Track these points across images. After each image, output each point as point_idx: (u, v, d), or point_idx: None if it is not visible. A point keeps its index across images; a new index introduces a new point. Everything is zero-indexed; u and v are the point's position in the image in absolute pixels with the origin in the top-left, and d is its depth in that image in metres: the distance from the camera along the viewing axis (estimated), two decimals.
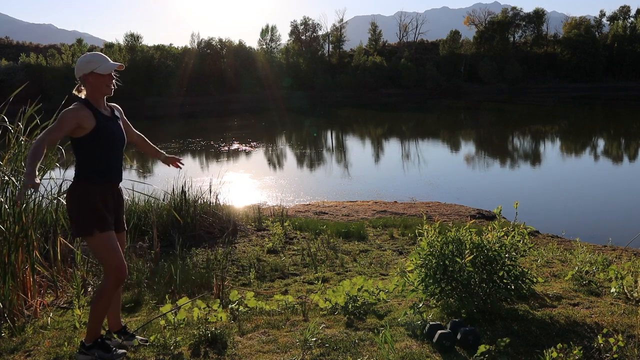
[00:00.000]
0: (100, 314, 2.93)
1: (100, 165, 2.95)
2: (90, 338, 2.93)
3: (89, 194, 2.91)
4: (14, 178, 3.91)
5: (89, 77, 2.94)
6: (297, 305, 3.82)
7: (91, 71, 2.92)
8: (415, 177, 16.50)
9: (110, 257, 2.90)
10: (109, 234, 2.91)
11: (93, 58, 2.96)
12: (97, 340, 2.93)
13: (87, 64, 2.93)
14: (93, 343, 2.92)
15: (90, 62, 2.93)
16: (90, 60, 2.94)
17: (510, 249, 3.35)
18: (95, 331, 2.93)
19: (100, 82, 2.96)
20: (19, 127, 4.10)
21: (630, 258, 5.55)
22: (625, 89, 63.32)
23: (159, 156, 3.53)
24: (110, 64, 2.96)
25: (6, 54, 61.17)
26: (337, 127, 35.59)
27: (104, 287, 2.92)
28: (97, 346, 2.91)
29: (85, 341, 2.94)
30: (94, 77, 2.94)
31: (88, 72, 2.93)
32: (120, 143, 3.08)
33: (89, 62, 2.93)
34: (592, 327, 3.05)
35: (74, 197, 2.93)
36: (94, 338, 2.93)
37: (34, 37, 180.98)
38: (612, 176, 16.31)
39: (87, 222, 2.88)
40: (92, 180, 2.93)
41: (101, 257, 2.94)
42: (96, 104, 2.98)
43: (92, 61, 2.94)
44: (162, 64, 59.51)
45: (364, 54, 69.66)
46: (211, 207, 7.45)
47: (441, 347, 2.82)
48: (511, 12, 74.27)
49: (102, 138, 2.94)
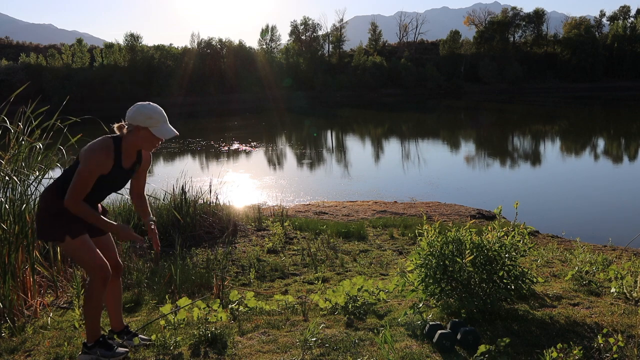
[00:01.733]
0: (93, 314, 2.90)
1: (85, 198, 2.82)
2: (91, 338, 2.93)
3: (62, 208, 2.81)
4: (15, 177, 3.91)
5: (141, 130, 2.80)
6: (297, 305, 3.82)
7: (147, 127, 2.80)
8: (415, 177, 16.49)
9: (88, 258, 2.83)
10: (82, 238, 2.83)
11: (155, 116, 2.80)
12: (99, 340, 2.93)
13: (146, 119, 2.78)
14: (95, 342, 2.92)
15: (151, 118, 2.79)
16: (152, 117, 2.79)
17: (510, 249, 3.35)
18: (94, 331, 2.93)
19: (147, 140, 2.83)
20: (19, 127, 4.10)
21: (630, 258, 5.56)
22: (625, 89, 63.33)
23: (145, 218, 3.20)
24: (168, 131, 2.83)
25: (6, 54, 61.21)
26: (337, 127, 35.59)
27: (91, 288, 2.86)
28: (98, 345, 2.91)
29: (87, 342, 2.94)
30: (146, 133, 2.81)
31: (143, 126, 2.80)
32: (117, 188, 3.02)
33: (150, 118, 2.79)
34: (592, 327, 3.05)
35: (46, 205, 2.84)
36: (94, 338, 2.93)
37: (34, 37, 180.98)
38: (612, 176, 16.31)
39: (56, 227, 2.81)
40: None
41: (79, 261, 2.89)
42: (126, 151, 2.86)
43: (152, 118, 2.79)
44: (162, 64, 59.56)
45: (364, 54, 69.67)
46: (211, 207, 7.45)
47: (441, 347, 2.82)
48: (511, 12, 74.30)
49: (102, 182, 2.84)
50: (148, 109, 2.80)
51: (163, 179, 8.08)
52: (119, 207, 7.12)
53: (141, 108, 2.80)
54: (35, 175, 4.17)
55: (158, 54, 60.66)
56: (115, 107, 52.26)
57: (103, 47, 61.04)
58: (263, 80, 61.05)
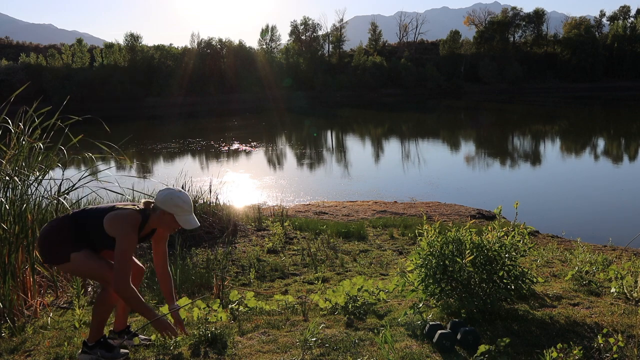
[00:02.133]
0: (102, 317, 2.93)
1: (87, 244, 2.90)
2: (93, 338, 2.93)
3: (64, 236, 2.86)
4: (17, 177, 3.91)
5: (166, 215, 2.88)
6: (297, 305, 3.82)
7: (172, 214, 2.87)
8: (415, 177, 16.50)
9: (98, 267, 2.86)
10: (85, 251, 2.86)
11: (183, 206, 2.88)
12: (100, 340, 2.93)
13: (173, 206, 2.86)
14: (96, 343, 2.92)
15: (178, 207, 2.87)
16: (179, 206, 2.87)
17: (510, 249, 3.35)
18: (98, 332, 2.94)
19: (169, 224, 2.92)
20: (20, 127, 4.10)
21: (630, 258, 5.56)
22: (625, 89, 63.33)
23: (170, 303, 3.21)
24: (191, 222, 2.90)
25: (6, 54, 61.18)
26: (337, 127, 35.59)
27: (104, 295, 2.91)
28: (99, 345, 2.92)
29: (88, 341, 2.94)
30: (170, 218, 2.89)
31: (169, 212, 2.86)
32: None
33: (176, 206, 2.86)
34: (592, 327, 3.05)
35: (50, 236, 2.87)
36: (96, 338, 2.93)
37: (34, 37, 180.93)
38: (612, 176, 16.31)
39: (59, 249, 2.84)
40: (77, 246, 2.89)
41: (90, 275, 2.91)
42: (148, 227, 2.94)
43: (180, 207, 2.87)
44: (162, 64, 59.54)
45: (364, 54, 69.65)
46: (211, 207, 7.46)
47: (441, 347, 2.82)
48: (511, 12, 74.28)
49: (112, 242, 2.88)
50: (178, 198, 2.88)
51: (163, 179, 8.08)
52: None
53: (172, 195, 2.88)
54: (35, 175, 4.16)
55: (158, 54, 60.65)
56: (115, 107, 52.16)
57: (103, 47, 61.01)
58: (263, 80, 61.04)
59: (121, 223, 2.81)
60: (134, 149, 22.75)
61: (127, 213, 2.85)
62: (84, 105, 42.82)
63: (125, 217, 2.82)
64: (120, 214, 2.84)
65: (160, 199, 2.88)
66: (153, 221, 2.91)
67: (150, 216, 2.90)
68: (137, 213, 2.87)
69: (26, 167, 4.10)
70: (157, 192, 2.96)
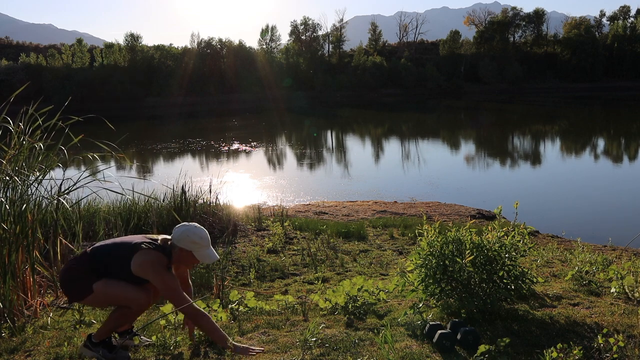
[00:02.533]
0: (117, 324, 2.96)
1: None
2: (100, 336, 2.94)
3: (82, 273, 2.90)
4: (17, 177, 3.91)
5: (184, 252, 2.88)
6: (297, 305, 3.82)
7: (190, 250, 2.87)
8: (415, 177, 16.50)
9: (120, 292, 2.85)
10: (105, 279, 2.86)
11: (200, 242, 2.87)
12: (105, 340, 2.94)
13: (190, 243, 2.86)
14: (100, 341, 2.94)
15: (196, 243, 2.86)
16: (196, 242, 2.86)
17: (510, 249, 3.35)
18: (107, 333, 2.95)
19: (188, 261, 2.92)
20: (20, 127, 4.10)
21: (630, 258, 5.56)
22: (625, 89, 63.33)
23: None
24: (210, 256, 2.90)
25: (6, 54, 61.17)
26: (337, 127, 35.59)
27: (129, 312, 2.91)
28: (103, 344, 2.93)
29: (94, 337, 2.95)
30: (189, 255, 2.89)
31: (187, 249, 2.86)
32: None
33: (194, 243, 2.86)
34: (592, 327, 3.05)
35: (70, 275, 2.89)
36: (103, 337, 2.94)
37: (34, 37, 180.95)
38: (612, 176, 16.32)
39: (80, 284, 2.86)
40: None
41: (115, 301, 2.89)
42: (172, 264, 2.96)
43: (197, 244, 2.86)
44: (162, 64, 59.54)
45: (364, 54, 69.65)
46: (211, 207, 7.46)
47: (441, 347, 2.82)
48: (511, 12, 74.28)
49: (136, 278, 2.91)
50: (194, 234, 2.87)
51: (163, 179, 8.08)
52: (119, 207, 7.12)
53: (188, 232, 2.86)
54: (35, 175, 4.16)
55: (158, 54, 60.65)
56: (115, 107, 52.13)
57: (103, 47, 61.00)
58: (263, 80, 61.03)
59: (153, 268, 2.80)
60: (134, 149, 22.76)
61: (154, 258, 2.82)
62: (84, 105, 42.79)
63: (154, 263, 2.81)
64: (149, 260, 2.81)
65: (177, 237, 2.87)
66: (175, 259, 2.91)
67: (171, 254, 2.90)
68: (162, 255, 2.86)
69: (26, 167, 4.10)
70: (174, 228, 2.94)
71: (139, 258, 2.82)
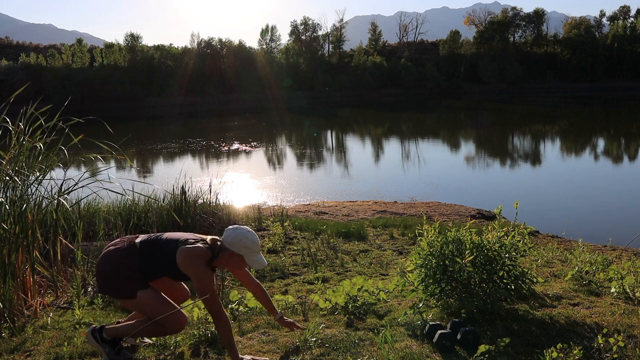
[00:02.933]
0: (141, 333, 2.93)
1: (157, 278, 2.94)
2: (113, 335, 2.92)
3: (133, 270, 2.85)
4: (17, 178, 3.91)
5: (234, 255, 2.85)
6: (297, 305, 3.82)
7: (241, 255, 2.85)
8: (415, 177, 16.50)
9: (162, 310, 2.82)
10: (151, 290, 2.85)
11: (251, 247, 2.84)
12: (115, 340, 2.92)
13: (242, 247, 2.83)
14: (112, 339, 2.91)
15: (247, 248, 2.83)
16: (248, 247, 2.84)
17: (510, 249, 3.35)
18: (122, 336, 2.93)
19: (237, 264, 2.90)
20: (20, 127, 4.10)
21: (630, 258, 5.56)
22: (625, 89, 63.33)
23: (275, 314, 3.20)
24: (260, 261, 2.87)
25: (6, 54, 61.17)
26: (337, 127, 35.59)
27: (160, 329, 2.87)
28: (111, 343, 2.91)
29: (107, 333, 2.92)
30: (239, 259, 2.86)
31: (238, 253, 2.85)
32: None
33: (246, 248, 2.83)
34: (592, 327, 3.05)
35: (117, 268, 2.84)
36: (115, 337, 2.92)
37: (34, 37, 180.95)
38: (612, 176, 16.32)
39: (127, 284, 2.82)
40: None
41: (153, 315, 2.85)
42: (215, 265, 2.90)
43: (248, 248, 2.84)
44: (162, 64, 59.54)
45: (364, 54, 69.65)
46: (211, 207, 7.46)
47: (441, 347, 2.82)
48: (511, 12, 74.28)
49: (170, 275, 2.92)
50: (247, 239, 2.84)
51: (163, 179, 8.08)
52: (119, 207, 7.12)
53: (240, 236, 2.84)
54: (35, 175, 4.16)
55: (158, 54, 60.65)
56: (115, 107, 52.06)
57: (103, 47, 60.98)
58: (263, 80, 61.03)
59: (195, 262, 2.77)
60: (134, 149, 22.76)
61: (199, 251, 2.80)
62: (84, 105, 42.83)
63: (198, 256, 2.79)
64: (193, 251, 2.79)
65: (229, 240, 2.85)
66: (221, 260, 2.88)
67: (219, 255, 2.86)
68: (208, 250, 2.83)
69: (26, 168, 4.10)
70: (225, 230, 2.91)
71: (184, 251, 2.79)
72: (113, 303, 4.19)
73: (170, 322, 2.82)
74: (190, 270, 2.77)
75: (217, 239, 2.92)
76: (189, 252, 2.79)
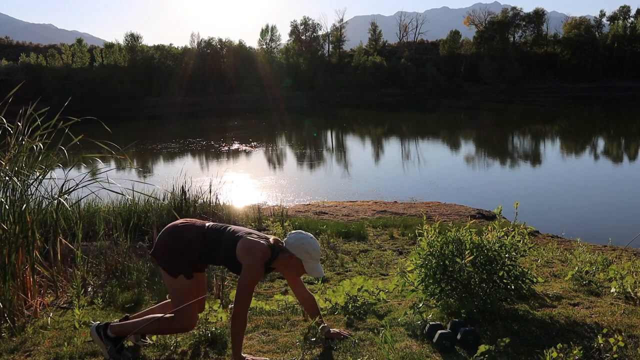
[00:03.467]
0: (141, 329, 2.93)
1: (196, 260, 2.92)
2: (118, 332, 2.92)
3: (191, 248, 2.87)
4: (15, 178, 3.91)
5: (294, 259, 2.86)
6: (297, 305, 3.82)
7: (301, 260, 2.86)
8: (415, 177, 16.50)
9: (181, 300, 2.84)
10: (192, 282, 2.87)
11: (313, 254, 2.86)
12: (119, 338, 2.92)
13: (304, 252, 2.84)
14: (116, 337, 2.91)
15: (308, 253, 2.84)
16: (309, 253, 2.85)
17: (510, 249, 3.34)
18: (127, 333, 2.93)
19: (295, 268, 2.91)
20: (19, 127, 4.10)
21: (630, 258, 5.56)
22: (625, 89, 63.33)
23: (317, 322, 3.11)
24: (318, 270, 2.87)
25: (6, 54, 61.19)
26: (337, 127, 35.59)
27: (167, 326, 2.88)
28: (114, 341, 2.90)
29: (112, 330, 2.92)
30: (298, 263, 2.87)
31: (298, 257, 2.85)
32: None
33: (307, 253, 2.84)
34: (592, 327, 3.05)
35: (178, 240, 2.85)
36: (119, 334, 2.92)
37: (34, 37, 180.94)
38: (612, 176, 16.32)
39: (178, 262, 2.83)
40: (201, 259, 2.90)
41: (176, 300, 2.87)
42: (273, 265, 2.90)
43: (309, 254, 2.85)
44: (162, 64, 59.55)
45: (364, 54, 69.65)
46: (211, 207, 7.46)
47: (441, 347, 2.82)
48: (511, 12, 74.27)
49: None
50: (309, 244, 2.85)
51: (163, 179, 8.08)
52: (119, 207, 7.12)
53: (304, 241, 2.85)
54: (35, 175, 4.16)
55: (158, 54, 60.65)
56: (115, 107, 52.05)
57: (103, 47, 60.99)
58: (263, 80, 61.04)
59: (255, 253, 2.77)
60: (134, 149, 22.75)
61: (261, 246, 2.80)
62: (84, 105, 42.83)
63: (258, 250, 2.78)
64: (256, 245, 2.79)
65: (291, 242, 2.85)
66: (279, 262, 2.87)
67: (278, 256, 2.86)
68: (269, 249, 2.83)
69: (26, 168, 4.10)
70: (289, 233, 2.92)
71: (247, 242, 2.79)
72: (113, 303, 4.19)
73: (182, 318, 2.84)
74: (246, 260, 2.76)
75: (280, 240, 2.92)
76: (252, 244, 2.79)
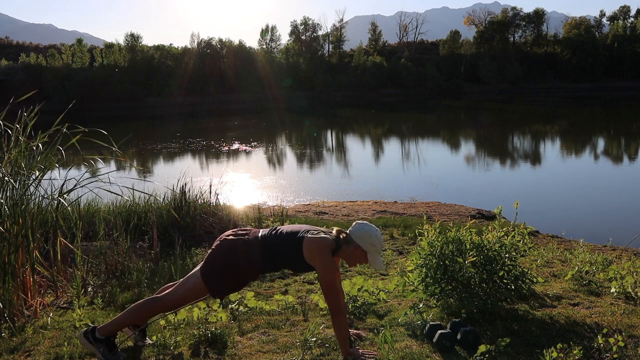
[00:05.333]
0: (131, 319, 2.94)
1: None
2: (106, 332, 2.90)
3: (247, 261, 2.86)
4: (16, 178, 3.91)
5: (358, 250, 2.84)
6: (297, 305, 3.82)
7: (365, 251, 2.84)
8: (415, 177, 16.50)
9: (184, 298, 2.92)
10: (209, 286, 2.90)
11: (378, 246, 2.85)
12: (109, 337, 2.90)
13: (369, 245, 2.83)
14: (105, 338, 2.89)
15: (374, 246, 2.83)
16: (374, 246, 2.84)
17: (510, 249, 3.34)
18: (115, 330, 2.92)
19: (357, 259, 2.89)
20: (19, 128, 4.10)
21: (630, 258, 5.56)
22: (625, 89, 63.33)
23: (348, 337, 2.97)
24: (379, 263, 2.87)
25: (6, 54, 61.21)
26: (337, 127, 35.59)
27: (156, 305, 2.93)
28: (105, 342, 2.88)
29: (99, 331, 2.90)
30: (362, 254, 2.85)
31: (363, 249, 2.84)
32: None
33: (373, 246, 2.83)
34: (592, 327, 3.05)
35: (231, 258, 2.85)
36: (108, 334, 2.90)
37: (34, 37, 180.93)
38: (612, 176, 16.31)
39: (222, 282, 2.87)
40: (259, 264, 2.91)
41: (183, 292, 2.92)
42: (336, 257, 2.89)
43: (375, 247, 2.84)
44: (162, 64, 59.57)
45: (364, 54, 69.66)
46: (211, 207, 7.45)
47: (441, 347, 2.82)
48: (511, 12, 74.29)
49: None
50: (375, 237, 2.85)
51: (163, 179, 8.08)
52: (119, 207, 7.12)
53: (370, 232, 2.84)
54: (34, 175, 4.16)
55: (158, 54, 60.67)
56: (115, 107, 52.10)
57: (103, 47, 61.02)
58: (263, 80, 61.04)
59: (323, 252, 2.76)
60: (134, 149, 22.75)
61: (326, 241, 2.79)
62: (84, 105, 42.85)
63: (326, 246, 2.77)
64: (321, 242, 2.78)
65: (357, 234, 2.84)
66: (343, 253, 2.86)
67: (341, 247, 2.85)
68: (332, 241, 2.82)
69: (26, 168, 4.10)
70: (354, 224, 2.92)
71: (312, 242, 2.78)
72: (113, 303, 4.19)
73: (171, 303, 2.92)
74: (318, 260, 2.75)
75: (342, 231, 2.92)
76: (318, 243, 2.77)
